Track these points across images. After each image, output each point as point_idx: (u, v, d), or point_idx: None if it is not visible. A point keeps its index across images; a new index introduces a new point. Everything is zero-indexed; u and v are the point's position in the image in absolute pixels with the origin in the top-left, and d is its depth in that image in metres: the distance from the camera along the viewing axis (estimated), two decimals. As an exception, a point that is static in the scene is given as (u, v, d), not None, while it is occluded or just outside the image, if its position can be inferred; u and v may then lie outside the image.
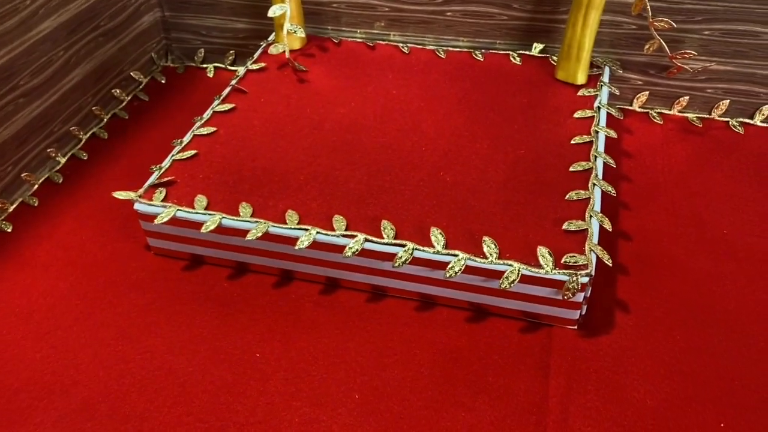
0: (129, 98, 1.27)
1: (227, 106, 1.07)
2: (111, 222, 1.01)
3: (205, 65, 1.36)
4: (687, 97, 1.15)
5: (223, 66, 1.35)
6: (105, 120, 1.21)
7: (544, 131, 0.99)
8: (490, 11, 1.16)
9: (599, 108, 1.03)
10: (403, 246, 0.82)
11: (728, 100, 1.14)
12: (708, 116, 1.16)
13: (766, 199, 0.99)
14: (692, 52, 1.03)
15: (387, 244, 0.82)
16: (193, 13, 1.31)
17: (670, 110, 1.17)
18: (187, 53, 1.37)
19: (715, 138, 1.12)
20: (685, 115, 1.16)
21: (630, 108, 1.18)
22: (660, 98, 1.17)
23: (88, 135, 1.18)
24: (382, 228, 0.84)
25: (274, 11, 1.13)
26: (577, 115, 1.02)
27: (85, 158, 1.14)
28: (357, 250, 0.82)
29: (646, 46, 1.03)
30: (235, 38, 1.32)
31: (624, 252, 0.93)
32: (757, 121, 1.13)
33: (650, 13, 0.99)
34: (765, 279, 0.88)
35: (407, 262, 0.81)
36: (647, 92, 1.17)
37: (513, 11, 1.15)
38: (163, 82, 1.32)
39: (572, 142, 0.97)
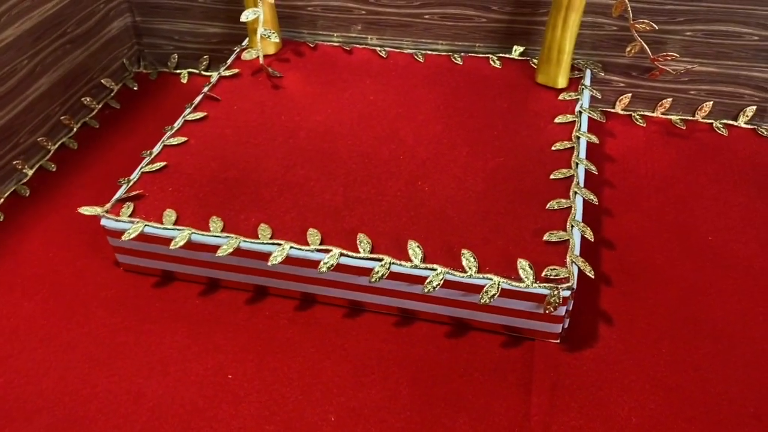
0: (100, 106, 1.23)
1: (199, 115, 1.03)
2: (79, 237, 0.97)
3: (178, 71, 1.32)
4: (670, 99, 1.13)
5: (197, 71, 1.31)
6: (75, 129, 1.18)
7: (525, 137, 0.97)
8: (469, 14, 1.13)
9: (580, 112, 1.00)
10: (380, 260, 0.79)
11: (712, 102, 1.12)
12: (691, 118, 1.14)
13: (750, 204, 0.97)
14: (674, 54, 1.01)
15: (363, 258, 0.80)
16: (165, 18, 1.27)
17: (653, 112, 1.15)
18: (160, 59, 1.33)
19: (699, 140, 1.10)
20: (669, 117, 1.14)
21: (612, 110, 1.16)
22: (643, 100, 1.15)
23: (56, 145, 1.14)
24: (358, 242, 0.81)
25: (246, 16, 1.10)
26: (557, 120, 0.99)
27: (54, 170, 1.10)
28: (332, 265, 0.79)
29: (628, 49, 1.01)
30: (209, 43, 1.29)
31: (607, 261, 0.90)
32: (741, 122, 1.11)
33: (631, 15, 0.97)
34: (750, 287, 0.86)
35: (384, 277, 0.78)
36: (630, 94, 1.15)
37: (492, 13, 1.12)
38: (135, 89, 1.29)
39: (553, 148, 0.94)
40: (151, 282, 0.90)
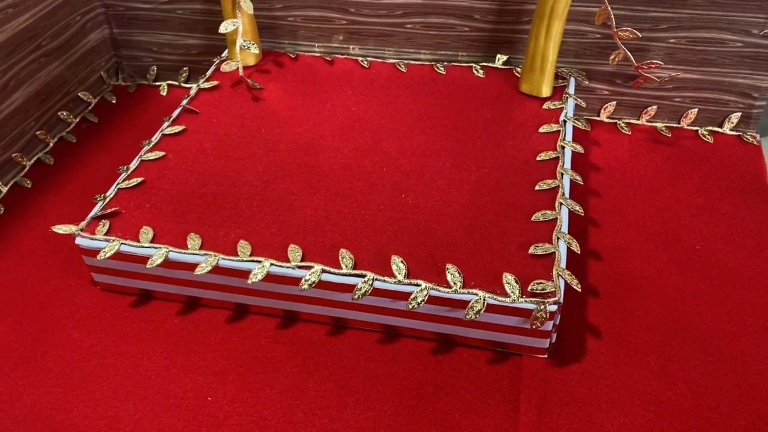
0: (77, 120, 1.21)
1: (177, 129, 1.01)
2: (55, 255, 0.95)
3: (158, 83, 1.30)
4: (655, 107, 1.12)
5: (176, 83, 1.29)
6: (51, 144, 1.15)
7: (509, 148, 0.96)
8: (451, 22, 1.12)
9: (565, 122, 0.99)
10: (363, 276, 0.77)
11: (697, 109, 1.11)
12: (677, 125, 1.13)
13: (736, 212, 0.96)
14: (658, 61, 1.00)
15: (345, 275, 0.78)
16: (144, 30, 1.25)
17: (639, 120, 1.14)
18: (138, 71, 1.31)
19: (685, 148, 1.09)
20: (654, 124, 1.13)
21: (597, 119, 1.15)
22: (628, 108, 1.14)
23: (32, 161, 1.11)
24: (340, 257, 0.79)
25: (225, 27, 1.08)
26: (542, 129, 0.98)
27: (29, 186, 1.07)
28: (314, 282, 0.77)
29: (611, 57, 1.00)
30: (188, 54, 1.27)
31: (594, 272, 0.89)
32: (726, 129, 1.11)
33: (614, 23, 0.96)
34: (738, 297, 0.85)
35: (367, 293, 0.76)
36: (614, 102, 1.14)
37: (475, 22, 1.11)
38: (113, 102, 1.26)
39: (538, 158, 0.93)
40: (129, 301, 0.88)
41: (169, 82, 1.29)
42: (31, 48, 1.09)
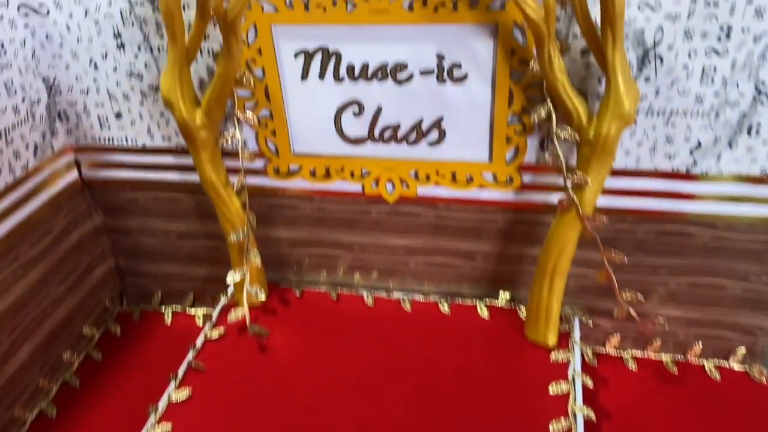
0: (81, 359, 1.20)
1: (183, 394, 1.00)
2: None
3: (162, 308, 1.31)
4: (659, 340, 1.13)
5: (180, 309, 1.30)
6: (53, 392, 1.14)
7: (519, 411, 0.95)
8: (454, 262, 1.14)
9: (574, 378, 0.99)
10: None
11: (701, 342, 1.11)
12: (683, 359, 1.13)
13: (753, 471, 0.95)
14: (661, 319, 1.01)
15: None
16: (149, 261, 1.27)
17: (644, 352, 1.14)
18: (143, 296, 1.32)
19: (693, 386, 1.09)
20: (660, 358, 1.13)
21: (603, 351, 1.15)
22: (632, 339, 1.15)
23: (35, 414, 1.10)
24: None
25: (233, 278, 1.09)
26: (551, 390, 0.98)
27: (31, 447, 1.06)
28: None
29: (615, 312, 1.02)
30: (194, 282, 1.28)
31: None
32: (733, 364, 1.11)
33: (617, 285, 0.98)
34: None
35: None
36: (618, 334, 1.14)
37: (476, 262, 1.13)
38: (117, 334, 1.26)
39: (550, 428, 0.92)
40: None
41: (174, 308, 1.30)
42: (39, 298, 1.10)
